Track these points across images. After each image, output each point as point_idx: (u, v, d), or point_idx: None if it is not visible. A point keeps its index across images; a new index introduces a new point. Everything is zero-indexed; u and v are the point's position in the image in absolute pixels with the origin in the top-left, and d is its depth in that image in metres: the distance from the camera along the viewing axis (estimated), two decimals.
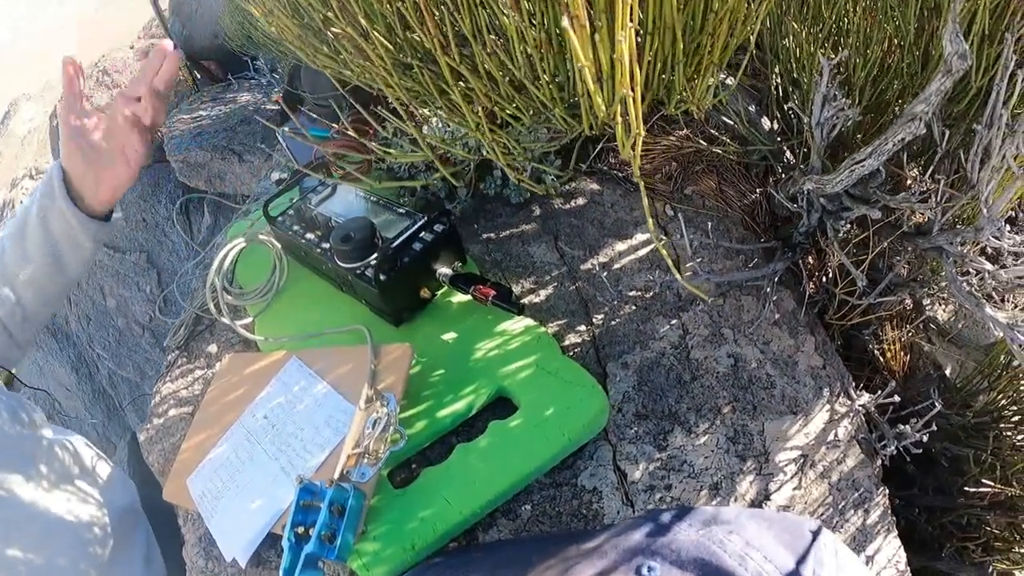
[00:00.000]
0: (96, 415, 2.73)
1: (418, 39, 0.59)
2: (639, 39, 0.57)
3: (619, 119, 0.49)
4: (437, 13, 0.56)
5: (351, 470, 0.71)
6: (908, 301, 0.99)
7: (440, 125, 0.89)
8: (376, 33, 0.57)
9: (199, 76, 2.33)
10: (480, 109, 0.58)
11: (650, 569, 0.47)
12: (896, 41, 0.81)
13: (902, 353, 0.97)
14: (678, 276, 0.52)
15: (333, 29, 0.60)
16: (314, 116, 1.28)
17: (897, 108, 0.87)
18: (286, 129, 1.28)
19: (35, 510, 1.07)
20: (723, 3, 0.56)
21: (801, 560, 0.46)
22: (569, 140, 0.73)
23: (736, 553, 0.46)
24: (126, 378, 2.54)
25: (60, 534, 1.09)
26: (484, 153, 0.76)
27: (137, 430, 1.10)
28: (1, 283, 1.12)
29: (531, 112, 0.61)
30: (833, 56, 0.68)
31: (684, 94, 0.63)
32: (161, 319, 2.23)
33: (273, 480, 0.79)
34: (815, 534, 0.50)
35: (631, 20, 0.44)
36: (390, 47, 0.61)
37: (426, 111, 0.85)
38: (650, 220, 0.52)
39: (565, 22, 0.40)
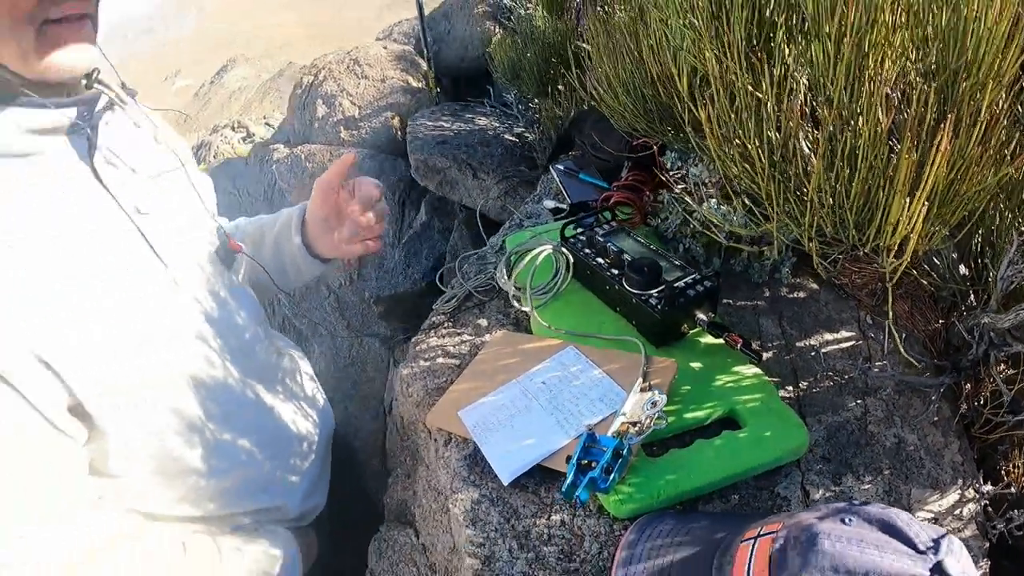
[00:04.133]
0: None
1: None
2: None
3: (894, 249, 0.79)
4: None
5: (623, 435, 1.02)
6: None
7: (716, 206, 1.20)
8: (757, 141, 0.90)
9: (439, 91, 2.72)
10: (813, 220, 0.89)
11: (849, 519, 0.75)
12: None
13: None
14: (913, 360, 0.81)
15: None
16: (582, 163, 1.61)
17: None
18: (561, 167, 1.62)
19: (270, 417, 1.30)
20: (972, 184, 0.86)
21: (940, 538, 0.73)
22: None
23: (904, 521, 0.74)
24: (297, 328, 2.88)
25: (280, 441, 1.32)
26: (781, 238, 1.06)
27: (400, 364, 1.42)
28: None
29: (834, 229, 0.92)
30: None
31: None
32: (350, 290, 2.59)
33: (548, 429, 1.05)
34: (947, 532, 0.78)
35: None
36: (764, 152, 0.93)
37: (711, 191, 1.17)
38: (898, 341, 0.81)
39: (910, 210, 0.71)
